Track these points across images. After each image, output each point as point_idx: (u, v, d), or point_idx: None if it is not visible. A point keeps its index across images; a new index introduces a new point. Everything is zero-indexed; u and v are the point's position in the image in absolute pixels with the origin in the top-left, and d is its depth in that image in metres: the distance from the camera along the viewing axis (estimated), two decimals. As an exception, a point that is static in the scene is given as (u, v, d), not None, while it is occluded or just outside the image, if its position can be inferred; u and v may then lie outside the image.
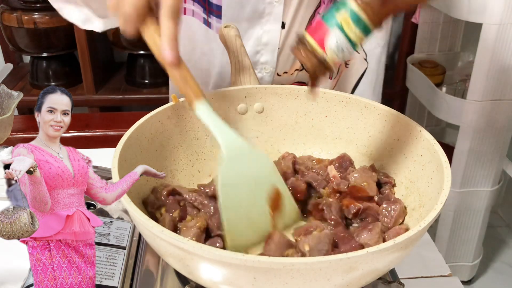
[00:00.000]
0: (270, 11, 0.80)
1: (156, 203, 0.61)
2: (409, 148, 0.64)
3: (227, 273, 0.46)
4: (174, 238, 0.45)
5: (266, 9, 0.79)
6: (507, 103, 1.46)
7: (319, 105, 0.73)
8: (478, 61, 1.41)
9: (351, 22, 0.51)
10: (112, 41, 1.84)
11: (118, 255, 0.63)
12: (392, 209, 0.59)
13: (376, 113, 0.68)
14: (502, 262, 1.89)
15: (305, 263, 0.43)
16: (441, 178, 0.54)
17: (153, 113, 0.66)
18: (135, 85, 1.89)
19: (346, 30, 0.51)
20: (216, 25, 0.82)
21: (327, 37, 0.51)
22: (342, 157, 0.68)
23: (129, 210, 0.49)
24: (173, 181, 0.68)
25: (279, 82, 0.86)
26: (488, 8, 1.34)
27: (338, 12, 0.51)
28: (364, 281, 0.49)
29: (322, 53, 0.52)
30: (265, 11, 0.80)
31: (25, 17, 1.70)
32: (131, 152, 0.61)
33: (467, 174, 1.58)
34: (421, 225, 0.47)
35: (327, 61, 0.52)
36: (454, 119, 1.55)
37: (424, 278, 0.71)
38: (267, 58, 0.83)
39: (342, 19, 0.51)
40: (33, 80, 1.87)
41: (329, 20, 0.51)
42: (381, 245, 0.44)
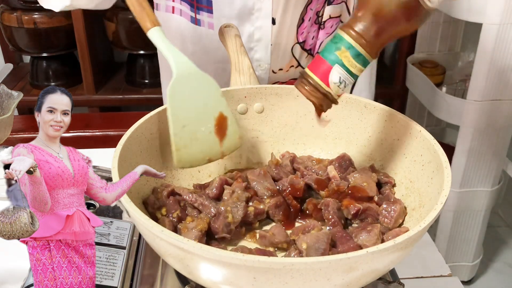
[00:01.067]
0: (259, 7, 0.80)
1: (156, 204, 0.61)
2: (409, 148, 0.64)
3: (227, 273, 0.46)
4: (174, 238, 0.45)
5: (256, 5, 0.80)
6: (507, 103, 1.46)
7: (319, 105, 0.73)
8: (478, 61, 1.41)
9: (351, 58, 0.53)
10: (112, 41, 1.84)
11: (118, 255, 0.63)
12: (392, 210, 0.59)
13: (376, 113, 0.68)
14: (502, 262, 1.89)
15: (305, 263, 0.43)
16: (441, 178, 0.54)
17: (153, 113, 0.66)
18: (135, 85, 1.89)
19: (347, 65, 0.53)
20: (208, 20, 0.82)
21: (330, 74, 0.53)
22: (342, 157, 0.68)
23: (129, 210, 0.49)
24: (173, 181, 0.68)
25: (275, 79, 0.87)
26: (488, 8, 1.34)
27: (337, 49, 0.53)
28: (364, 281, 0.49)
29: (326, 88, 0.54)
30: (255, 6, 0.80)
31: (25, 17, 1.70)
32: (131, 152, 0.61)
33: (467, 174, 1.58)
34: (421, 225, 0.47)
35: (332, 95, 0.54)
36: (454, 119, 1.55)
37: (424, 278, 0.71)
38: (261, 55, 0.83)
39: (342, 56, 0.53)
40: (33, 80, 1.87)
41: (329, 57, 0.54)
42: (381, 245, 0.44)
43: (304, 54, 0.85)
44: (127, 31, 1.76)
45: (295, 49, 0.84)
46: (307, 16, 0.81)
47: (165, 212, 0.60)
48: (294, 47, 0.84)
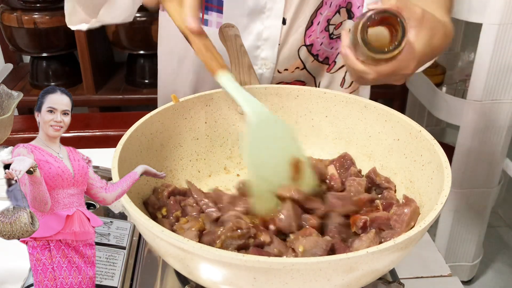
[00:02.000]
0: (271, 6, 0.80)
1: (157, 204, 0.61)
2: (409, 148, 0.64)
3: (227, 273, 0.46)
4: (174, 238, 0.45)
5: (268, 4, 0.80)
6: (507, 103, 1.46)
7: (319, 105, 0.73)
8: (478, 61, 1.41)
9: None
10: (112, 41, 1.84)
11: (118, 255, 0.62)
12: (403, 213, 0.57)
13: (376, 113, 0.68)
14: (502, 262, 1.89)
15: (305, 263, 0.43)
16: (441, 178, 0.54)
17: (153, 113, 0.66)
18: (135, 85, 1.89)
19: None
20: (217, 20, 0.81)
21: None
22: (343, 157, 0.68)
23: (129, 210, 0.49)
24: (173, 181, 0.68)
25: (280, 79, 0.87)
26: (488, 8, 1.34)
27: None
28: (364, 281, 0.49)
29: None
30: (266, 6, 0.80)
31: (25, 17, 1.70)
32: (131, 152, 0.61)
33: (467, 174, 1.58)
34: (421, 225, 0.47)
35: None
36: (454, 119, 1.55)
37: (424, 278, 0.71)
38: (267, 54, 0.83)
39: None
40: (33, 80, 1.87)
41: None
42: (381, 245, 0.44)
43: (310, 58, 0.85)
44: (127, 31, 1.76)
45: (301, 51, 0.84)
46: (316, 20, 0.81)
47: (165, 212, 0.60)
48: (301, 49, 0.84)
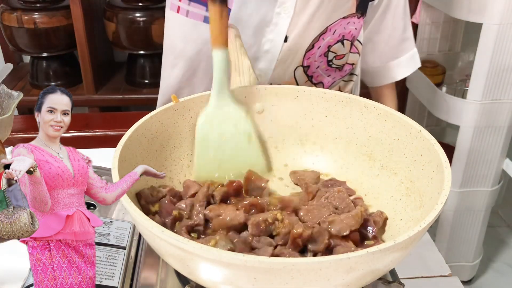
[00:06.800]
0: (276, 21, 0.80)
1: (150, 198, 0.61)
2: (409, 148, 0.64)
3: (227, 273, 0.46)
4: (174, 238, 0.45)
5: (273, 19, 0.80)
6: (507, 103, 1.46)
7: (319, 105, 0.73)
8: (478, 61, 1.41)
9: None
10: (112, 41, 1.84)
11: (118, 255, 0.62)
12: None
13: (376, 113, 0.68)
14: (502, 262, 1.89)
15: (305, 263, 0.43)
16: (441, 178, 0.54)
17: (153, 113, 0.66)
18: (135, 85, 1.89)
19: None
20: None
21: None
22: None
23: (129, 210, 0.49)
24: (173, 181, 0.68)
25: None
26: (488, 8, 1.34)
27: None
28: (364, 281, 0.49)
29: None
30: (272, 20, 0.80)
31: (25, 17, 1.70)
32: (131, 152, 0.61)
33: (467, 174, 1.58)
34: (421, 225, 0.47)
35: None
36: (454, 119, 1.55)
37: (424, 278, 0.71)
38: (264, 66, 0.84)
39: None
40: (33, 80, 1.87)
41: None
42: (381, 245, 0.44)
43: (304, 78, 0.86)
44: (127, 31, 1.75)
45: (298, 71, 0.85)
46: (317, 44, 0.82)
47: (158, 207, 0.61)
48: (297, 68, 0.85)
